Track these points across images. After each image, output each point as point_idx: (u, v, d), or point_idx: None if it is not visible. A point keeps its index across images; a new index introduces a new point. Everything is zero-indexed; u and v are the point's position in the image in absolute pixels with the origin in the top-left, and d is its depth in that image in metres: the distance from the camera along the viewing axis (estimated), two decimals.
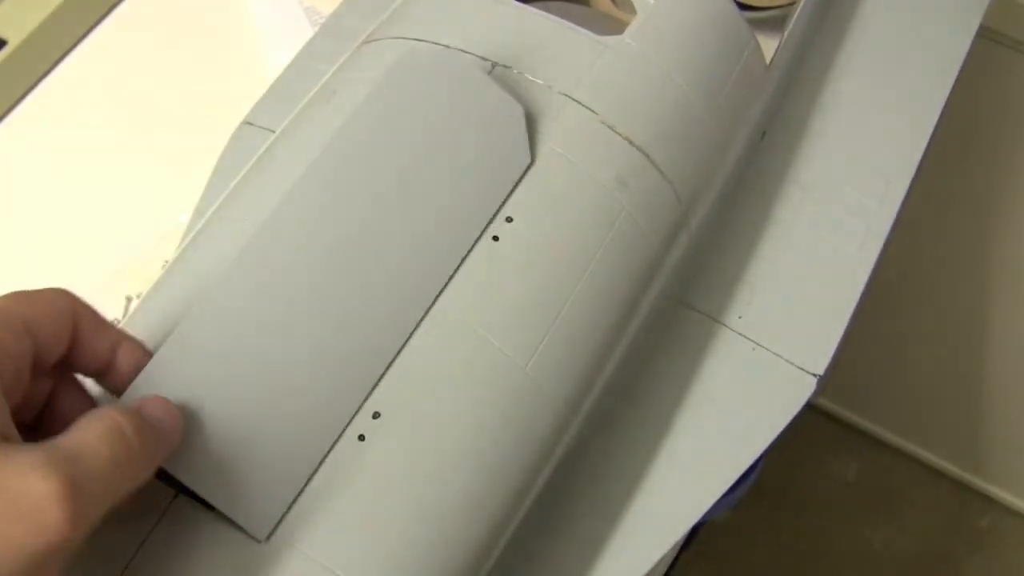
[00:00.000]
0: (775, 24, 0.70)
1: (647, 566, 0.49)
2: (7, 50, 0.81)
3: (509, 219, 0.44)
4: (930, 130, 0.60)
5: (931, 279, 1.22)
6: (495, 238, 0.44)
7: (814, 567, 1.40)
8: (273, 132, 0.60)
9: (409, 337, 0.42)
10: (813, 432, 1.42)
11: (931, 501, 1.43)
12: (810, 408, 1.34)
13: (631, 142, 0.47)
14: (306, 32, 0.82)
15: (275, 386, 0.41)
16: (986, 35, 0.81)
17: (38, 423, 0.38)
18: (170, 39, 0.85)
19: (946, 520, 1.43)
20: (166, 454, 0.37)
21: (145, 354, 0.39)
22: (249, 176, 0.48)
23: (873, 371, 1.33)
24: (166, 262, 0.73)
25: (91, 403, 0.39)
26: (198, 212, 0.60)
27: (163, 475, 0.39)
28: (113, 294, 0.74)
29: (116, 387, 0.39)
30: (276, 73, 0.80)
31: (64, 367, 0.38)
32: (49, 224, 0.77)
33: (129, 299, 0.73)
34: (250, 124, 0.62)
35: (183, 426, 0.38)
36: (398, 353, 0.42)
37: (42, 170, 0.80)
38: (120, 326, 0.41)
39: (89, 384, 0.40)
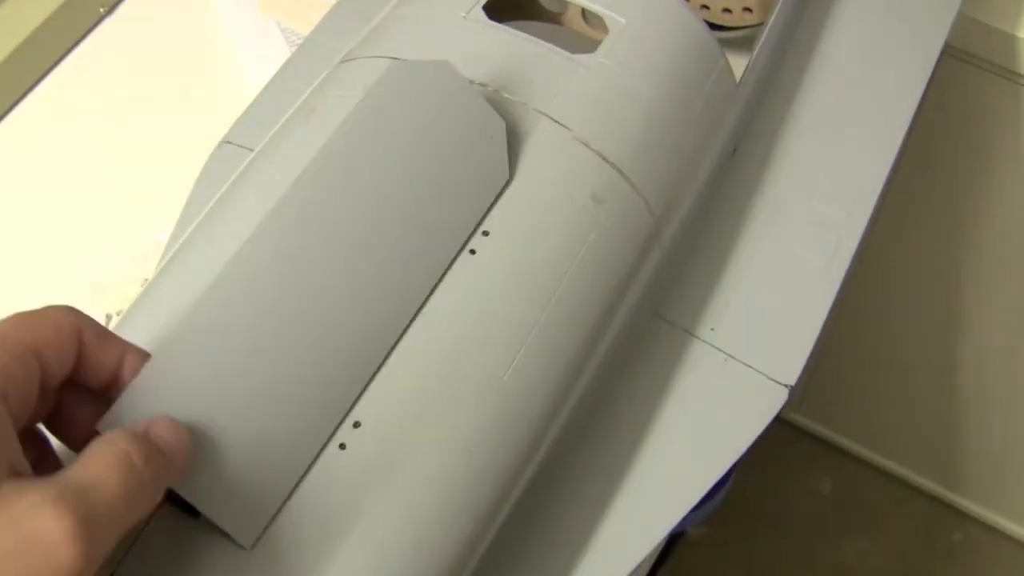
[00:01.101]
0: (744, 43, 0.71)
1: (629, 568, 0.50)
2: None
3: (486, 233, 0.45)
4: (897, 146, 0.61)
5: (902, 297, 1.23)
6: (472, 251, 0.45)
7: None
8: (250, 150, 0.61)
9: (391, 349, 0.43)
10: (789, 448, 1.43)
11: (905, 515, 1.45)
12: (785, 424, 1.36)
13: (604, 158, 0.49)
14: (284, 52, 0.83)
15: (260, 397, 0.41)
16: (951, 53, 0.82)
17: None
18: (149, 59, 0.86)
19: (920, 534, 1.44)
20: (175, 479, 0.37)
21: None
22: (229, 194, 0.49)
23: (848, 388, 1.35)
24: (145, 280, 0.73)
25: (98, 404, 0.39)
26: (177, 231, 0.61)
27: None
28: (92, 311, 0.74)
29: None
30: (255, 93, 0.81)
31: (70, 382, 0.38)
32: (28, 241, 0.77)
33: (109, 316, 0.73)
34: (229, 143, 0.63)
35: (191, 448, 0.37)
36: (381, 365, 0.42)
37: (20, 187, 0.80)
38: None
39: None
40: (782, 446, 1.41)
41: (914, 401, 1.34)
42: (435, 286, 0.44)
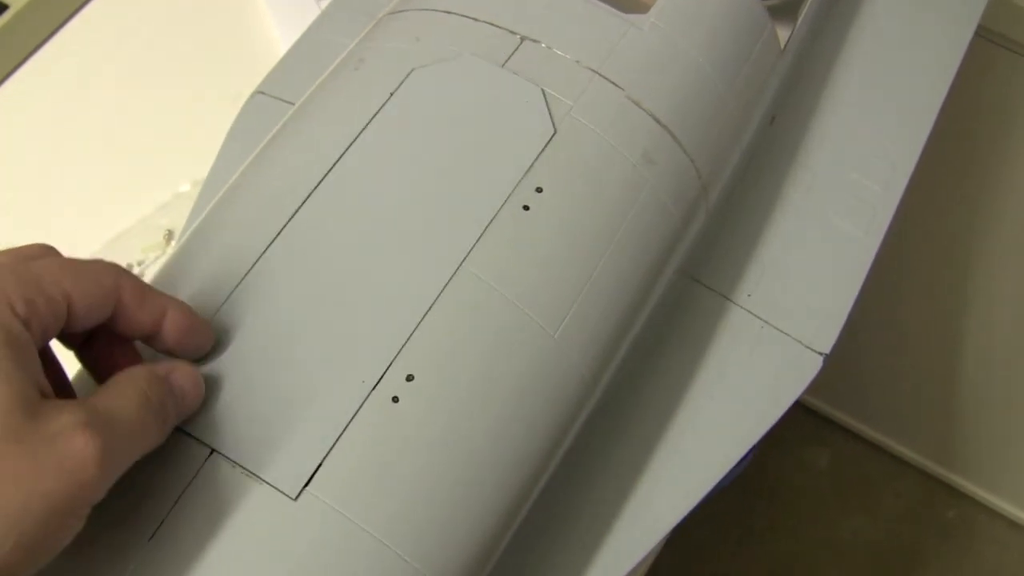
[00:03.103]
0: (778, 12, 0.71)
1: (664, 530, 0.50)
2: (8, 14, 0.81)
3: (539, 189, 0.45)
4: (933, 118, 0.61)
5: (908, 277, 1.23)
6: (526, 207, 0.44)
7: (785, 553, 1.42)
8: (287, 102, 0.61)
9: (436, 299, 0.42)
10: (788, 422, 1.43)
11: (901, 492, 1.46)
12: None
13: (656, 119, 0.48)
14: (309, 5, 0.83)
15: (304, 345, 0.41)
16: (984, 35, 0.82)
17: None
18: (172, 8, 0.85)
19: (915, 511, 1.46)
20: (180, 420, 0.39)
21: (192, 318, 0.40)
22: (279, 141, 0.49)
23: (847, 364, 1.35)
24: (168, 231, 0.73)
25: (130, 348, 0.41)
26: (211, 178, 0.60)
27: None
28: (114, 261, 0.74)
29: (164, 350, 0.40)
30: (278, 45, 0.81)
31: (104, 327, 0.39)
32: (50, 189, 0.77)
33: (129, 266, 0.73)
34: (263, 94, 0.63)
35: (203, 396, 0.40)
36: (423, 317, 0.42)
37: (43, 135, 0.79)
38: None
39: None
40: (781, 420, 1.41)
41: (913, 379, 1.35)
42: (481, 238, 0.44)
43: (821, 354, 0.54)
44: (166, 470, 0.40)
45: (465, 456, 0.42)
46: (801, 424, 1.45)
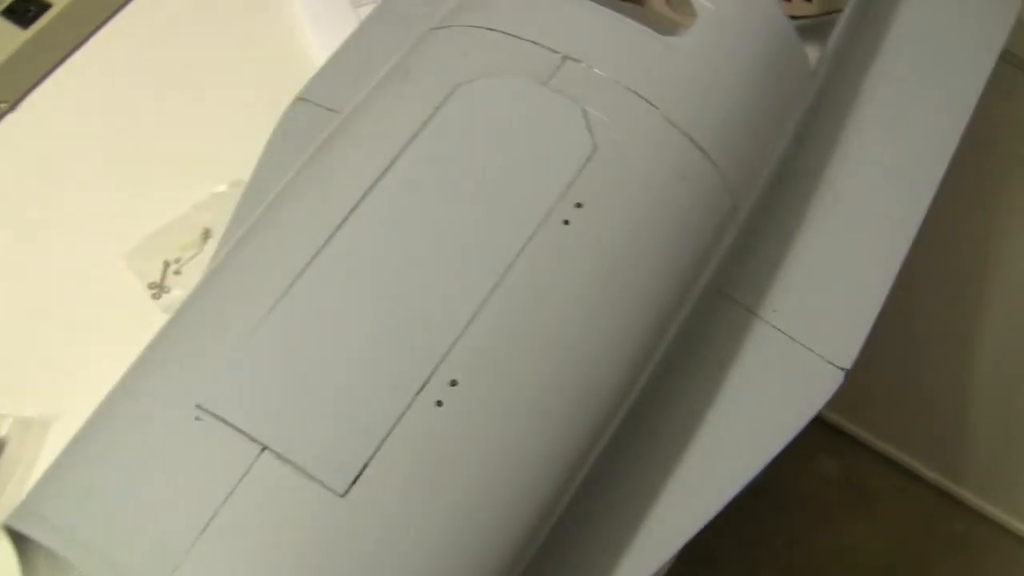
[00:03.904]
0: (811, 31, 0.73)
1: (684, 538, 0.52)
2: (51, 13, 0.82)
3: (579, 205, 0.47)
4: (956, 140, 0.63)
5: (922, 291, 1.25)
6: (566, 222, 0.46)
7: (791, 560, 1.44)
8: (328, 108, 0.62)
9: (478, 311, 0.44)
10: (800, 432, 1.45)
11: (909, 504, 1.47)
12: None
13: (691, 138, 0.50)
14: (346, 13, 0.84)
15: (353, 348, 0.43)
16: (1008, 60, 0.84)
17: None
18: (209, 11, 0.87)
19: (922, 523, 1.47)
20: None
21: None
22: (329, 149, 0.50)
23: (860, 376, 1.36)
24: (205, 229, 0.75)
25: None
26: (254, 181, 0.62)
27: None
28: (150, 259, 0.76)
29: None
30: (314, 50, 0.83)
31: None
32: (90, 186, 0.78)
33: (167, 263, 0.75)
34: (304, 100, 0.64)
35: None
36: (468, 325, 0.44)
37: (83, 133, 0.81)
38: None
39: None
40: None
41: (926, 393, 1.36)
42: (524, 250, 0.45)
43: (842, 369, 0.56)
44: (217, 466, 0.42)
45: (504, 459, 0.43)
46: (812, 434, 1.46)
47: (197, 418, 0.42)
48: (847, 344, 0.56)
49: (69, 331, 0.73)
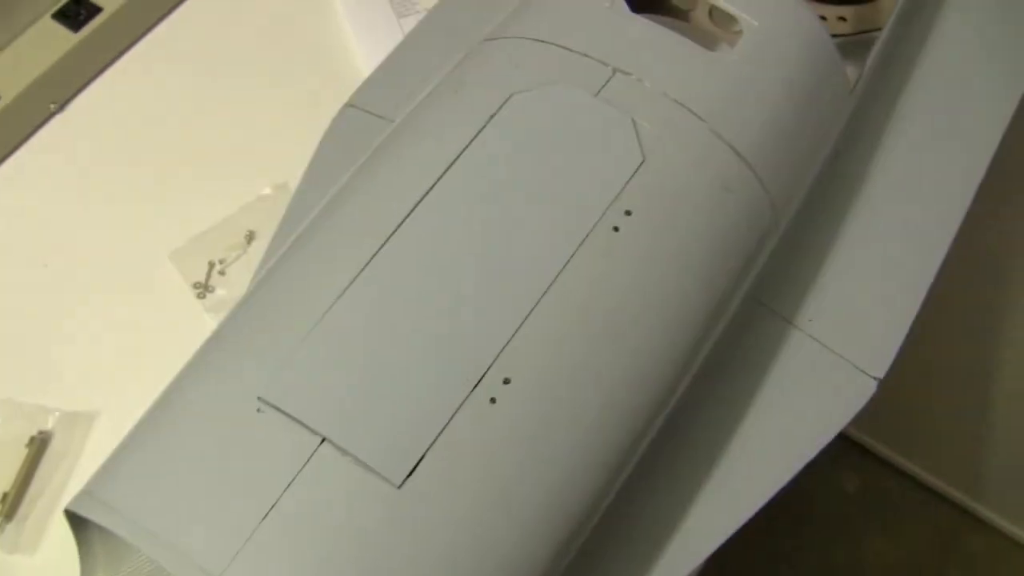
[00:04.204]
0: (841, 50, 0.74)
1: (716, 543, 0.54)
2: (101, 17, 0.84)
3: (628, 212, 0.48)
4: (989, 157, 0.64)
5: (943, 305, 1.25)
6: (615, 228, 0.48)
7: (809, 572, 1.45)
8: (377, 115, 0.64)
9: (530, 312, 0.46)
10: None
11: (927, 520, 1.48)
12: None
13: (736, 150, 0.52)
14: (391, 24, 0.86)
15: (411, 345, 0.45)
16: None
17: None
18: (255, 19, 0.89)
19: (940, 540, 1.48)
20: None
21: None
22: (387, 153, 0.52)
23: (883, 392, 1.37)
24: (249, 232, 0.77)
25: None
26: (303, 185, 0.64)
27: None
28: (196, 259, 0.78)
29: None
30: (358, 59, 0.84)
31: None
32: (136, 187, 0.80)
33: (212, 264, 0.77)
34: (353, 107, 0.66)
35: None
36: (520, 325, 0.46)
37: (130, 134, 0.83)
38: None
39: None
40: None
41: (946, 411, 1.37)
42: (575, 255, 0.47)
43: (875, 378, 0.57)
44: (278, 457, 0.43)
45: (553, 456, 0.45)
46: (835, 450, 1.47)
47: (259, 410, 0.44)
48: (880, 354, 0.58)
49: (115, 328, 0.74)
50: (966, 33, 0.70)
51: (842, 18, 0.77)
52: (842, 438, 1.44)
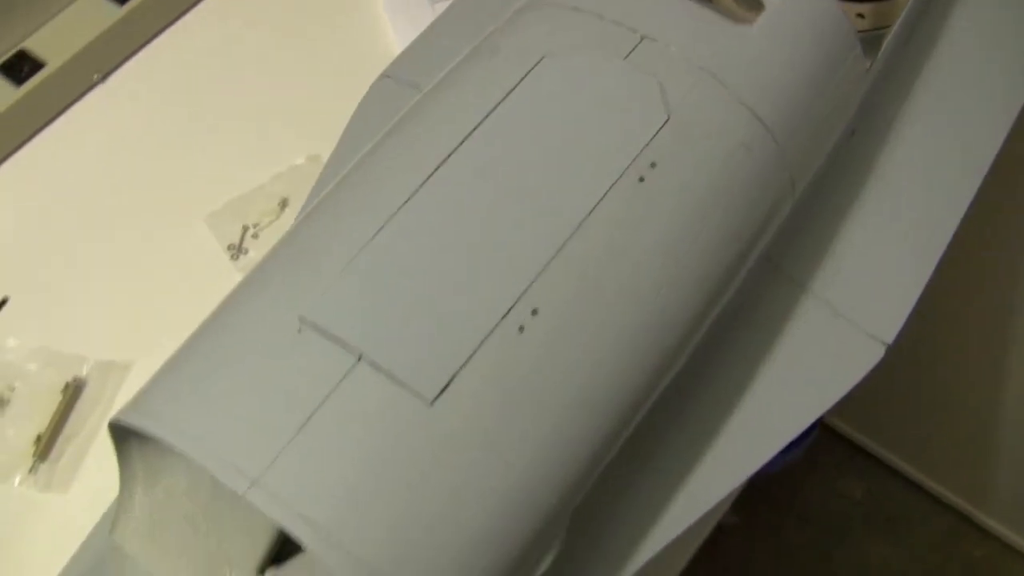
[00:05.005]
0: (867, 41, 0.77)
1: (725, 492, 0.56)
2: None
3: (653, 164, 0.51)
4: (1000, 141, 0.67)
5: (951, 316, 1.27)
6: (641, 178, 0.51)
7: (812, 574, 1.47)
8: (412, 85, 0.67)
9: (560, 249, 0.49)
10: (827, 452, 1.49)
11: (931, 528, 1.49)
12: (826, 428, 1.40)
13: (757, 116, 0.55)
14: (424, 9, 0.89)
15: (446, 274, 0.48)
16: None
17: None
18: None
19: (942, 547, 1.49)
20: None
21: None
22: (425, 106, 0.55)
23: (890, 400, 1.39)
24: (282, 199, 0.80)
25: None
26: (338, 152, 0.67)
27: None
28: (230, 223, 0.81)
29: None
30: (391, 36, 0.87)
31: None
32: (176, 154, 0.83)
33: (245, 228, 0.80)
34: (389, 77, 0.69)
35: None
36: (550, 261, 0.48)
37: (170, 103, 0.87)
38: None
39: None
40: (821, 450, 1.46)
41: (952, 420, 1.39)
42: (603, 200, 0.50)
43: (884, 343, 0.60)
44: (317, 372, 0.46)
45: (577, 385, 0.48)
46: (841, 455, 1.49)
47: (299, 330, 0.47)
48: (890, 321, 0.60)
49: (150, 284, 0.77)
50: (982, 19, 0.72)
51: (860, 15, 0.80)
52: (848, 444, 1.47)
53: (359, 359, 0.46)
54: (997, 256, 1.16)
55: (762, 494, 1.43)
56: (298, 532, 0.42)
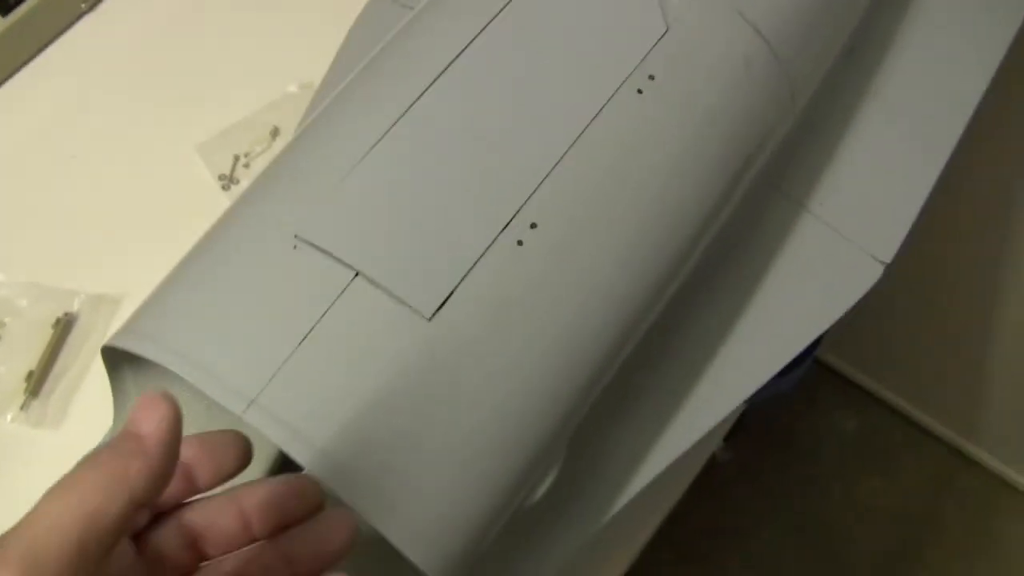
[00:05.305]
0: None
1: (723, 413, 0.56)
2: None
3: (651, 77, 0.50)
4: (1000, 57, 0.66)
5: (946, 254, 1.27)
6: (639, 91, 0.50)
7: (806, 509, 1.48)
8: (407, 7, 0.66)
9: (558, 162, 0.48)
10: (820, 387, 1.49)
11: (923, 460, 1.50)
12: (819, 364, 1.41)
13: (756, 29, 0.54)
14: None
15: (443, 189, 0.47)
16: None
17: None
18: None
19: (933, 479, 1.50)
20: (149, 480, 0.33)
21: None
22: (423, 20, 0.54)
23: (882, 335, 1.40)
24: (274, 128, 0.79)
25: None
26: (334, 68, 0.66)
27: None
28: (221, 152, 0.80)
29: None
30: None
31: None
32: (166, 83, 0.82)
33: (237, 157, 0.79)
34: None
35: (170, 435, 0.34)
36: (548, 173, 0.48)
37: (161, 32, 0.85)
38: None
39: None
40: (814, 385, 1.47)
41: (943, 354, 1.39)
42: (602, 111, 0.49)
43: (883, 263, 0.59)
44: (313, 289, 0.45)
45: (577, 299, 0.47)
46: (833, 389, 1.50)
47: (295, 247, 0.46)
48: (889, 239, 0.60)
49: (141, 215, 0.76)
50: None
51: None
52: (841, 378, 1.48)
53: (356, 275, 0.45)
54: (992, 190, 1.15)
55: (757, 430, 1.44)
56: (296, 453, 0.42)
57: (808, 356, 0.61)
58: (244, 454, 0.38)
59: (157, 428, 0.33)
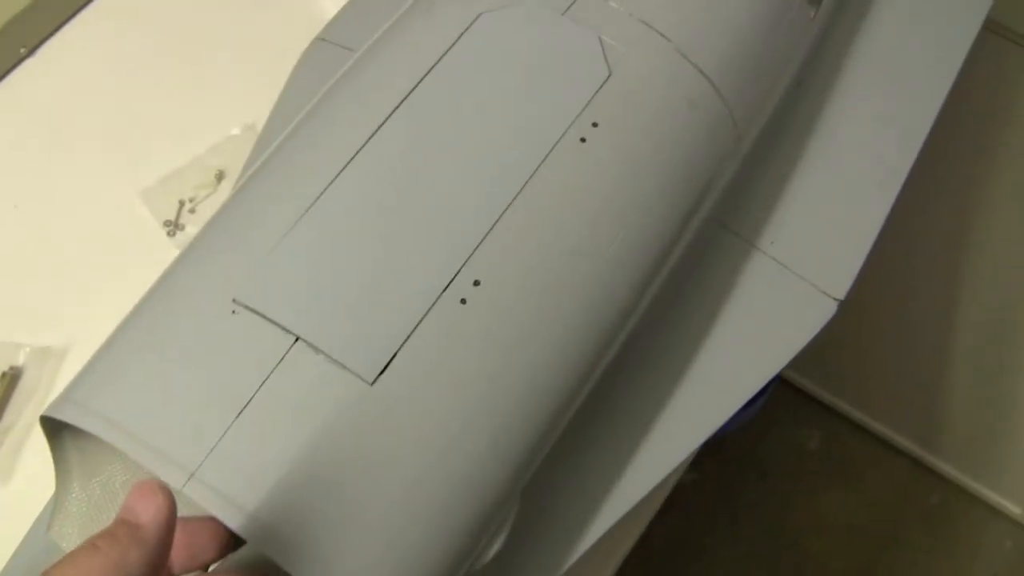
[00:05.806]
0: None
1: (680, 457, 0.55)
2: None
3: (595, 124, 0.50)
4: (946, 89, 0.66)
5: (903, 268, 1.28)
6: (583, 139, 0.49)
7: (771, 526, 1.47)
8: (347, 48, 0.65)
9: (500, 217, 0.47)
10: (782, 402, 1.49)
11: (886, 475, 1.51)
12: (780, 380, 1.40)
13: (700, 70, 0.53)
14: None
15: (384, 245, 0.46)
16: (990, 28, 0.87)
17: None
18: None
19: (898, 494, 1.50)
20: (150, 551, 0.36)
21: None
22: (356, 72, 0.53)
23: (842, 350, 1.40)
24: (219, 171, 0.77)
25: None
26: (272, 117, 0.65)
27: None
28: (166, 198, 0.78)
29: None
30: (328, 4, 0.85)
31: None
32: (107, 129, 0.81)
33: (182, 203, 0.77)
34: (324, 40, 0.67)
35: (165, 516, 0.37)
36: (491, 229, 0.47)
37: (99, 77, 0.84)
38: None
39: None
40: (776, 401, 1.46)
41: (904, 368, 1.40)
42: (543, 163, 0.48)
43: (836, 300, 0.59)
44: (253, 356, 0.44)
45: (523, 356, 0.46)
46: (795, 406, 1.50)
47: (233, 311, 0.45)
48: (841, 276, 0.59)
49: (86, 265, 0.75)
50: None
51: None
52: (803, 395, 1.47)
53: (296, 340, 0.44)
54: (945, 206, 1.16)
55: (719, 449, 1.43)
56: (236, 524, 0.41)
57: (769, 386, 0.60)
58: (223, 545, 0.41)
59: (155, 518, 0.36)
